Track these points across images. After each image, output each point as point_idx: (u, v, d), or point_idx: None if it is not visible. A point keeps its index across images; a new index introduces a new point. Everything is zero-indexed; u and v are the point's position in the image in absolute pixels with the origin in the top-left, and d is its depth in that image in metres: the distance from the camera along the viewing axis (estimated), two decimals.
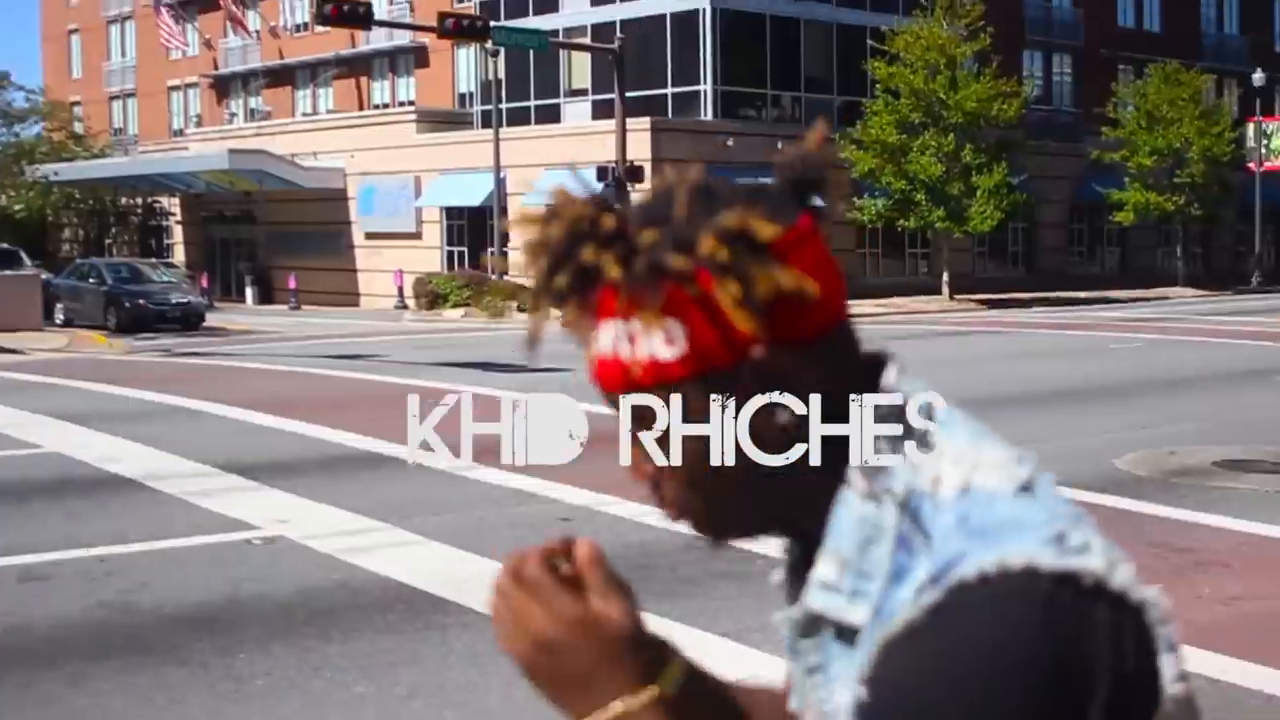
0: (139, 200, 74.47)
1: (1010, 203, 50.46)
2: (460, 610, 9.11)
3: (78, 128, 73.50)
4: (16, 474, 14.30)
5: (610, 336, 1.57)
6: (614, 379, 1.59)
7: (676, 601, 9.34)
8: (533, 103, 57.73)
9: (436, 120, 61.27)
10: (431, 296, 51.77)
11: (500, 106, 51.83)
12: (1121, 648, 1.46)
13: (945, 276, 52.16)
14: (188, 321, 44.86)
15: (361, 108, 69.89)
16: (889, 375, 1.62)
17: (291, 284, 60.07)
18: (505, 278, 49.08)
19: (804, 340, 1.56)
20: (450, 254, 58.41)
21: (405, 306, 54.40)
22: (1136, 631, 1.48)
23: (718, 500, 1.63)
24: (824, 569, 1.57)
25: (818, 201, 1.64)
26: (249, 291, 65.20)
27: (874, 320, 42.08)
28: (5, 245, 56.04)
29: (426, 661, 8.24)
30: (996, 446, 1.59)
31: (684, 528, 1.64)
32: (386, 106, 69.21)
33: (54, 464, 14.86)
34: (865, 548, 1.54)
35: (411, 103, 67.22)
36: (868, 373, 1.62)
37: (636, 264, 1.53)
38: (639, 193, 47.26)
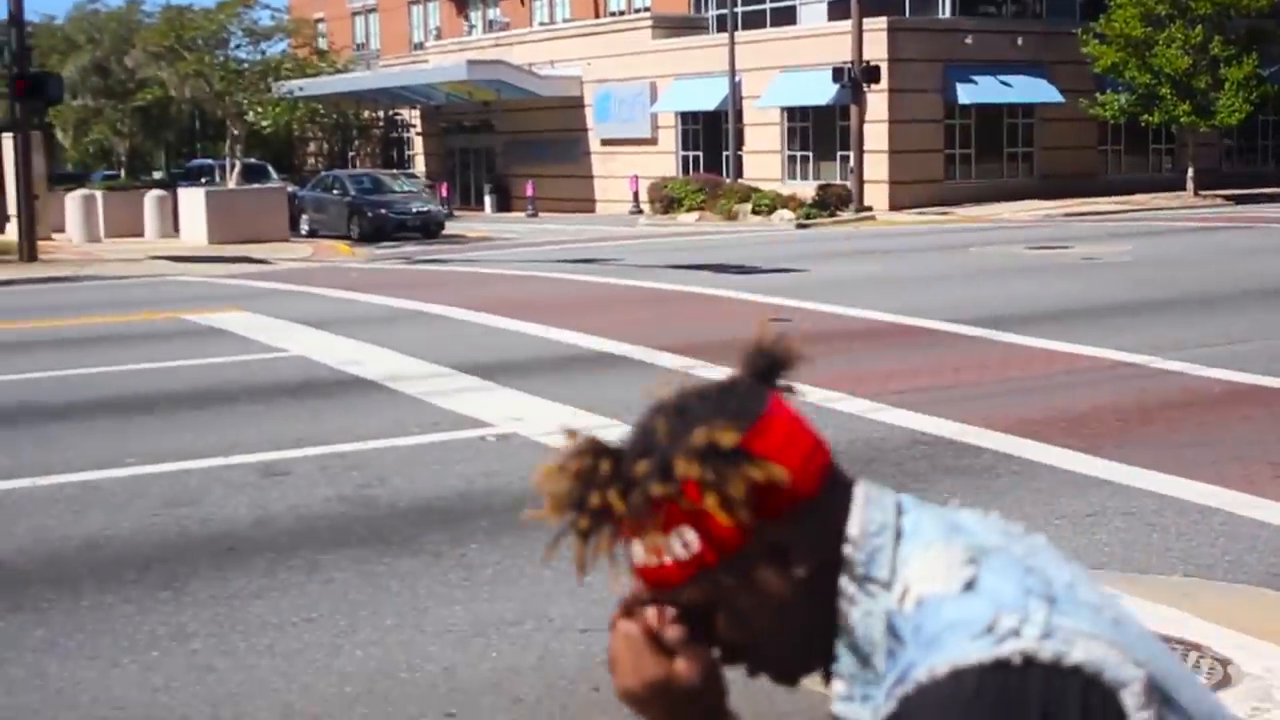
0: (380, 113, 75.60)
1: (1260, 95, 48.82)
2: None
3: (321, 44, 74.73)
4: (263, 376, 14.74)
5: (639, 552, 1.86)
6: (655, 584, 1.88)
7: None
8: (768, 5, 57.22)
9: (672, 26, 61.12)
10: (666, 201, 51.91)
11: (735, 10, 51.60)
12: (1060, 707, 1.72)
13: (1190, 172, 50.73)
14: (427, 230, 45.57)
15: (598, 16, 69.96)
16: (857, 508, 1.91)
17: (529, 191, 60.63)
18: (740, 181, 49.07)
19: (797, 503, 1.86)
20: (685, 158, 58.42)
21: (640, 211, 54.62)
22: (1081, 687, 1.73)
23: (768, 649, 1.94)
24: (837, 684, 1.91)
25: (783, 380, 1.97)
26: (487, 200, 65.93)
27: (1113, 218, 41.31)
28: (254, 160, 57.47)
29: None
30: (953, 545, 1.87)
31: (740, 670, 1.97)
32: (622, 14, 69.14)
33: (298, 367, 15.28)
34: (865, 661, 1.87)
35: (647, 9, 67.05)
36: (846, 505, 1.92)
37: (633, 497, 1.83)
38: (874, 91, 46.77)
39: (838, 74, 46.03)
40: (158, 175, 66.33)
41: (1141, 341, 14.94)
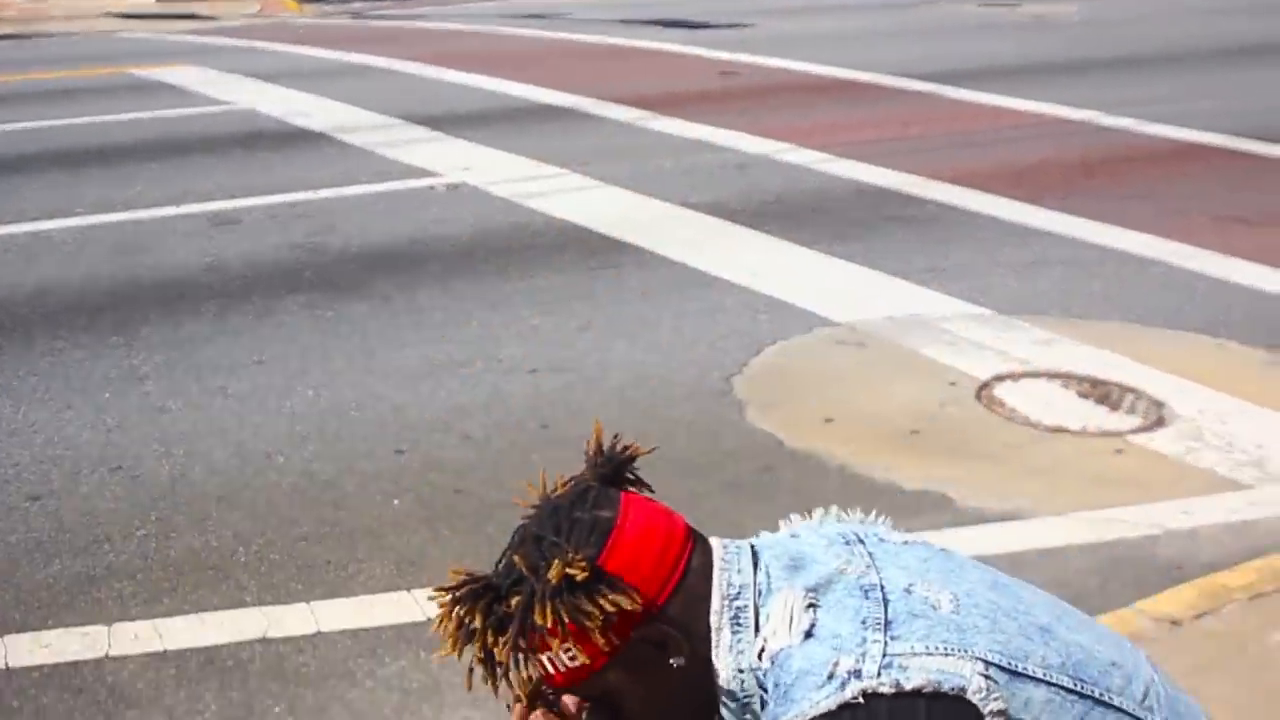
0: None
1: None
2: (635, 250, 9.30)
3: None
4: (212, 129, 14.60)
5: (532, 668, 2.08)
6: (558, 687, 2.11)
7: (848, 243, 9.45)
8: None
9: None
10: None
11: None
12: None
13: None
14: None
15: None
16: (715, 583, 2.07)
17: None
18: None
19: (656, 609, 2.03)
20: None
21: None
22: (925, 707, 1.88)
23: None
24: None
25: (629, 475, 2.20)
26: None
27: None
28: None
29: (600, 297, 8.47)
30: (795, 590, 2.03)
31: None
32: None
33: (245, 119, 15.14)
34: (743, 714, 2.03)
35: None
36: (707, 576, 2.09)
37: (510, 634, 2.03)
38: None
39: None
40: None
41: (1089, 98, 14.94)
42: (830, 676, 1.92)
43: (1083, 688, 2.05)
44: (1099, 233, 9.64)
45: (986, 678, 1.93)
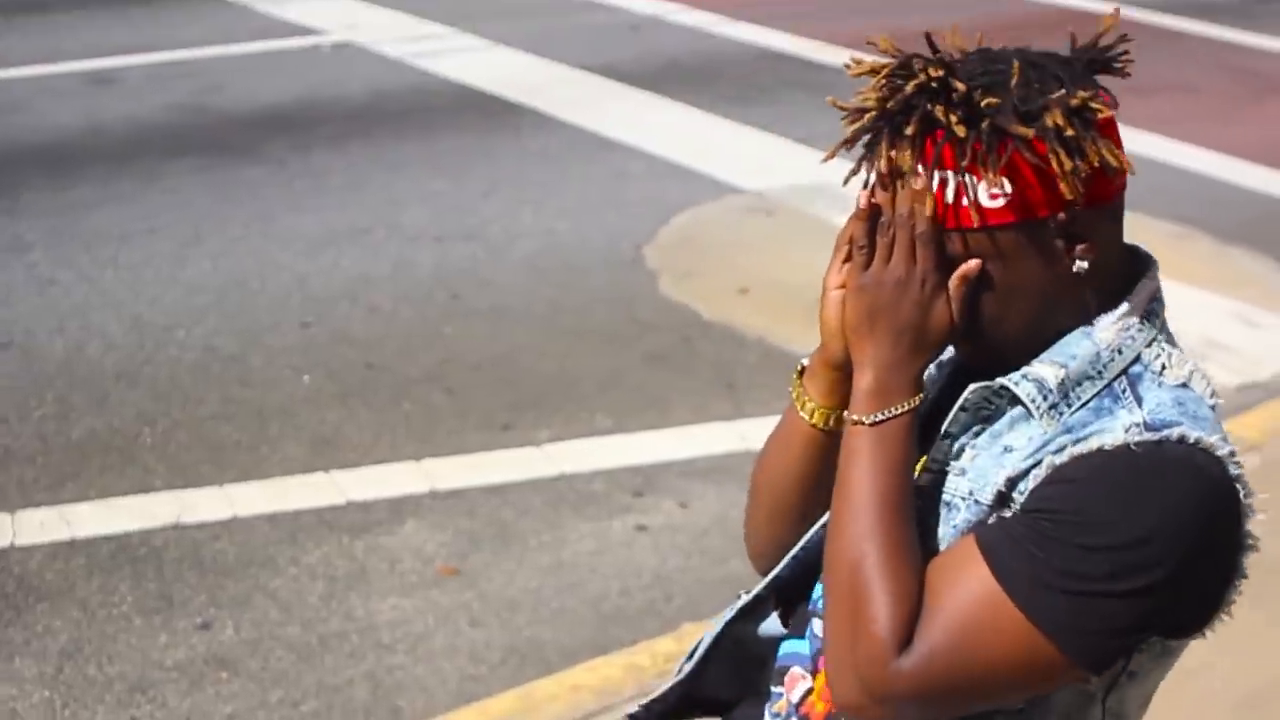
0: None
1: None
2: (534, 113, 9.07)
3: None
4: None
5: (939, 183, 1.78)
6: (948, 218, 1.80)
7: (750, 107, 9.29)
8: None
9: None
10: None
11: None
12: (1239, 507, 1.84)
13: None
14: None
15: None
16: (1154, 269, 1.89)
17: None
18: None
19: (1103, 203, 1.81)
20: None
21: None
22: (1240, 513, 1.86)
23: (1007, 320, 1.86)
24: (1044, 370, 1.85)
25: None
26: None
27: None
28: None
29: (502, 161, 8.25)
30: (1196, 363, 1.93)
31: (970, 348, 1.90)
32: None
33: None
34: (1082, 379, 1.84)
35: None
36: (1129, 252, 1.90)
37: (982, 127, 1.75)
38: None
39: None
40: None
41: None
42: (1222, 437, 1.84)
43: None
44: None
45: None
